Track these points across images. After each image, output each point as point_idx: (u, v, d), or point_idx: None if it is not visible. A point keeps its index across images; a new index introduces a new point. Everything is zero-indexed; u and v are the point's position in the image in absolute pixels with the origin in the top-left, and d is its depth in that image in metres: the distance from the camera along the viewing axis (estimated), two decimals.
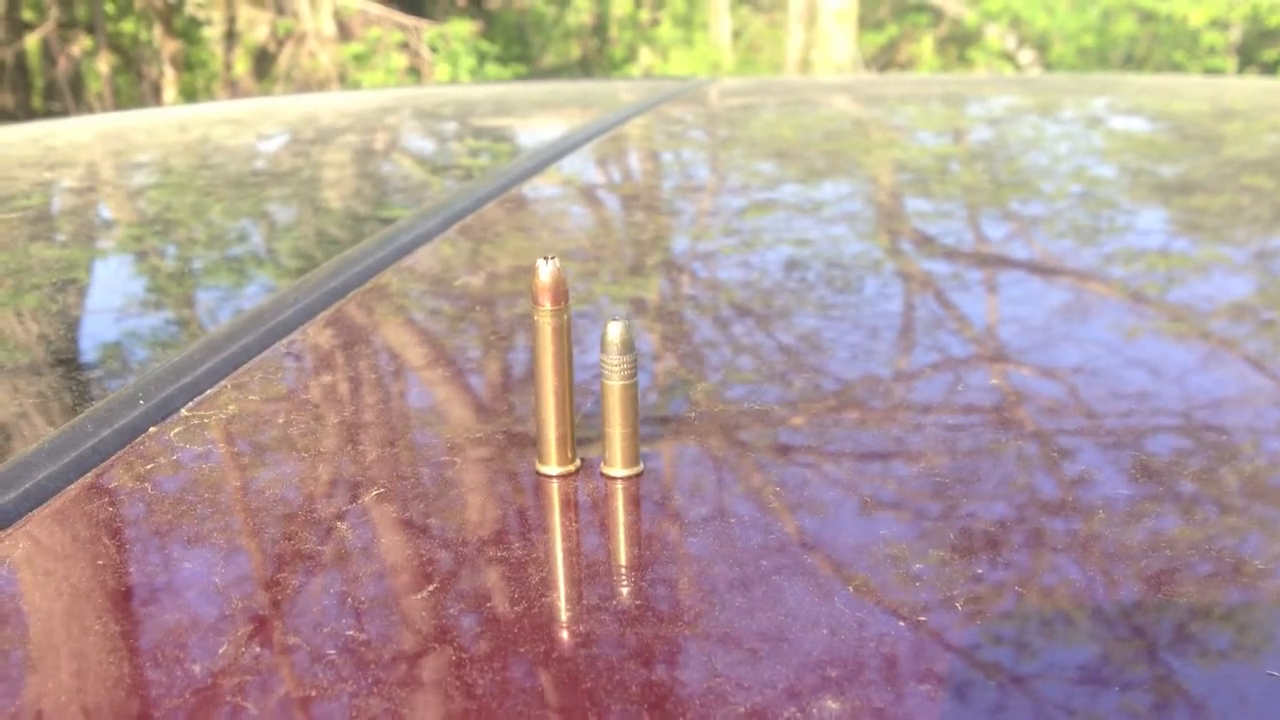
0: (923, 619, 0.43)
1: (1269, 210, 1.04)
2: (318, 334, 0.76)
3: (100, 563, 0.49)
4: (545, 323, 0.52)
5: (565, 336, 0.53)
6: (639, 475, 0.54)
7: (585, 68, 9.40)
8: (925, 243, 0.96)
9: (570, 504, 0.52)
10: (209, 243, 1.05)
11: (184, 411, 0.63)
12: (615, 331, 0.52)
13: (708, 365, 0.70)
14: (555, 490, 0.53)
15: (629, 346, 0.52)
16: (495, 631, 0.43)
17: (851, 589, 0.45)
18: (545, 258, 0.52)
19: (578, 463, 0.55)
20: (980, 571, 0.46)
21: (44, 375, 0.72)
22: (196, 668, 0.42)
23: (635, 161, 1.42)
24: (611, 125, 1.56)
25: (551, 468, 0.54)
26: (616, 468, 0.54)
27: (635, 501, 0.52)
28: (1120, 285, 0.83)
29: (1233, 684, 0.40)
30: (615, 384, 0.52)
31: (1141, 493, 0.53)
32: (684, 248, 0.97)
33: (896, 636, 0.42)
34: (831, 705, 0.39)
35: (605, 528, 0.51)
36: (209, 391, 0.66)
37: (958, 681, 0.40)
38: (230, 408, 0.64)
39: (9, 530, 0.52)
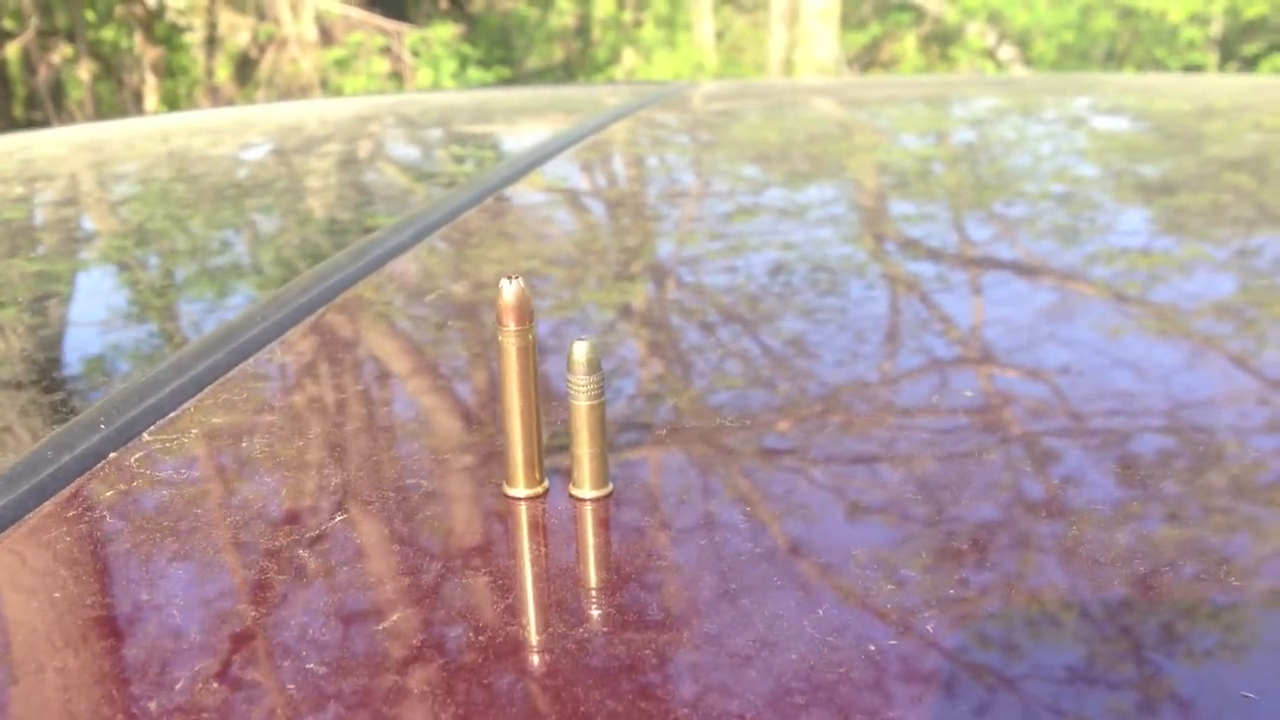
0: (910, 622, 0.43)
1: (1251, 209, 1.04)
2: (286, 353, 0.74)
3: (57, 595, 0.48)
4: (510, 343, 0.51)
5: (531, 357, 0.51)
6: (608, 496, 0.53)
7: (569, 70, 9.38)
8: (910, 245, 0.95)
9: (537, 526, 0.51)
10: (189, 254, 1.04)
11: (146, 436, 0.62)
12: (581, 351, 0.51)
13: (693, 371, 0.69)
14: (522, 512, 0.52)
15: (595, 366, 0.51)
16: (457, 657, 0.42)
17: (837, 595, 0.45)
18: (509, 277, 0.51)
19: (545, 484, 0.53)
20: (967, 575, 0.46)
21: (12, 395, 0.71)
22: (153, 704, 0.40)
23: (619, 167, 1.41)
24: (594, 130, 1.55)
25: (519, 489, 0.53)
26: (585, 489, 0.52)
27: (603, 523, 0.51)
28: (1104, 285, 0.83)
29: (1219, 684, 0.40)
30: (582, 404, 0.51)
31: (1127, 494, 0.52)
32: (669, 253, 0.96)
33: (883, 640, 0.42)
34: (820, 711, 0.38)
35: (573, 551, 0.49)
36: (172, 414, 0.65)
37: (945, 684, 0.40)
38: (193, 431, 0.62)
39: None
